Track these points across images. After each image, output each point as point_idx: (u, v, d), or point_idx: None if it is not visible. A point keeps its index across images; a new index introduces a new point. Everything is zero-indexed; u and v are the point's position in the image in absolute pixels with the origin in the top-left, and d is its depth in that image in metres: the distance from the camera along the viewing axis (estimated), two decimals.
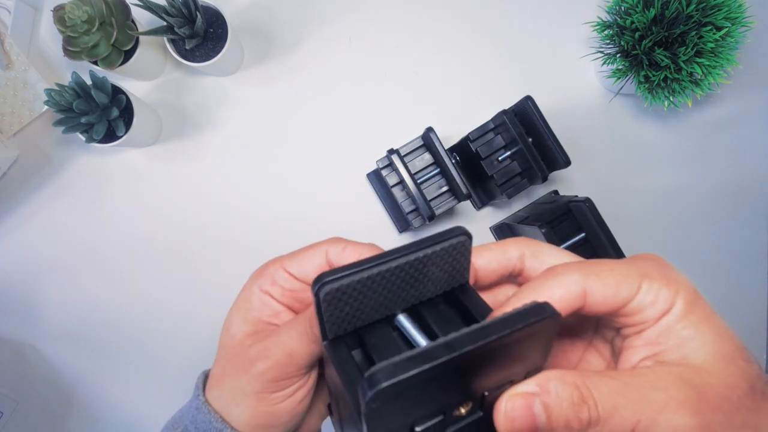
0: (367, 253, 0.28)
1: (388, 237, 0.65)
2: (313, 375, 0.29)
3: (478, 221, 0.65)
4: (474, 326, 0.19)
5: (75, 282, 0.65)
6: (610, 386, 0.21)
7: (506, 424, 0.21)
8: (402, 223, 0.64)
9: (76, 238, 0.65)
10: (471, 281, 0.26)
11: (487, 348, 0.19)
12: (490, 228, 0.64)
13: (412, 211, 0.58)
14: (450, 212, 0.65)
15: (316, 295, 0.21)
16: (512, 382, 0.21)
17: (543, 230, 0.50)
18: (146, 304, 0.64)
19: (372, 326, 0.24)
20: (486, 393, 0.21)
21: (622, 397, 0.21)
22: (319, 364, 0.29)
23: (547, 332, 0.20)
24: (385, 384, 0.17)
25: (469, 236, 0.23)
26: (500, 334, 0.19)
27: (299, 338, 0.27)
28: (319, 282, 0.21)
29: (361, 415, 0.18)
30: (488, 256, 0.27)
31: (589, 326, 0.28)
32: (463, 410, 0.21)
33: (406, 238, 0.65)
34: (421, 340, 0.23)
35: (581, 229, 0.53)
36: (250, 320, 0.29)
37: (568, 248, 0.53)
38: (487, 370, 0.20)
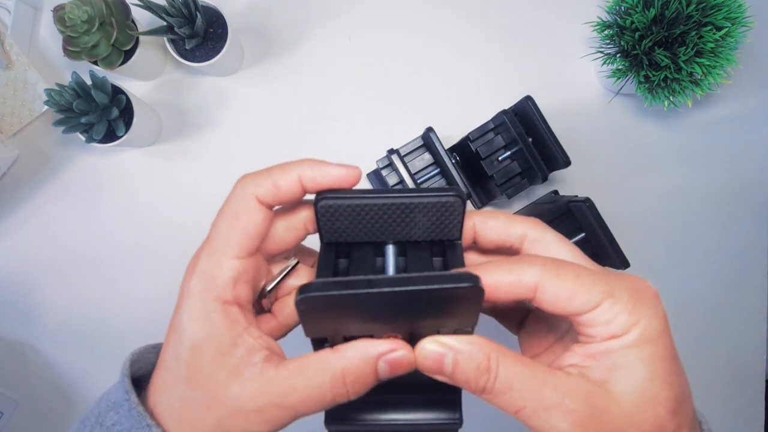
0: (342, 175, 0.26)
1: None
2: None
3: None
4: (404, 274, 0.24)
5: (75, 282, 0.64)
6: (516, 370, 0.23)
7: (419, 359, 0.24)
8: None
9: (77, 237, 0.65)
10: (468, 241, 0.29)
11: (405, 295, 0.22)
12: None
13: None
14: None
15: (315, 204, 0.26)
16: (439, 332, 0.24)
17: None
18: (146, 304, 0.64)
19: (363, 245, 0.28)
20: (415, 332, 0.24)
21: (520, 383, 0.23)
22: (316, 344, 0.26)
23: (472, 299, 0.22)
24: (310, 294, 0.21)
25: (461, 199, 0.26)
26: (416, 287, 0.21)
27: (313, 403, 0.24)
28: (320, 196, 0.26)
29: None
30: (491, 225, 0.28)
31: (565, 323, 0.28)
32: (390, 338, 0.24)
33: None
34: (391, 271, 0.27)
35: (581, 229, 0.53)
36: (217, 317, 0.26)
37: None
38: (413, 314, 0.23)
